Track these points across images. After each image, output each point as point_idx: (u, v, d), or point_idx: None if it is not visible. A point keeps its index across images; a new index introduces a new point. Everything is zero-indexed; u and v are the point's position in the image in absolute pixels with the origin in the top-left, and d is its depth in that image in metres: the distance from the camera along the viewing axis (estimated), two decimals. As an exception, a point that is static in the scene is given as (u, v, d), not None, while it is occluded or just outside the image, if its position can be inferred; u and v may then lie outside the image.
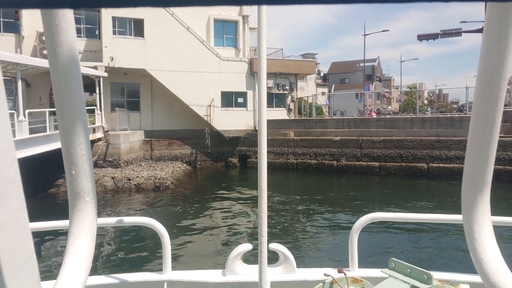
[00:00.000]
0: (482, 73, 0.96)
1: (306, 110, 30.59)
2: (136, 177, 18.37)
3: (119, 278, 2.40)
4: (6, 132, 0.49)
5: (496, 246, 1.03)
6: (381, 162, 20.72)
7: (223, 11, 25.99)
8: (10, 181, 0.49)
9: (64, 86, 0.97)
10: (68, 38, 0.94)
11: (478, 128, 0.99)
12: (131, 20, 23.39)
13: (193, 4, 0.35)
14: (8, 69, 16.71)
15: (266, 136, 1.95)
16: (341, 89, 47.81)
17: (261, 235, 1.96)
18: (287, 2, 0.35)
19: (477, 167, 1.01)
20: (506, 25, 0.89)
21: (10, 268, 0.48)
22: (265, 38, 1.84)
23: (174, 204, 15.42)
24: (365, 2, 0.36)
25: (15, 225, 0.49)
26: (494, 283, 0.99)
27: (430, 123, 21.03)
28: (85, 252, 0.99)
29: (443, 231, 10.60)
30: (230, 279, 2.43)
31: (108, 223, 2.56)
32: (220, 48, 25.67)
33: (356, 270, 2.44)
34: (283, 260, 2.47)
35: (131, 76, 24.48)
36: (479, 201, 1.02)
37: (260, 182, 1.93)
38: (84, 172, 1.01)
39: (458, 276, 2.32)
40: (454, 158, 19.05)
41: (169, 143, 24.09)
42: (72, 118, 0.98)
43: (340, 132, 22.41)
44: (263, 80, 1.89)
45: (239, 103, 25.92)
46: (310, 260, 9.10)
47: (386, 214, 2.52)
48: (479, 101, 0.98)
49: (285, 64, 27.39)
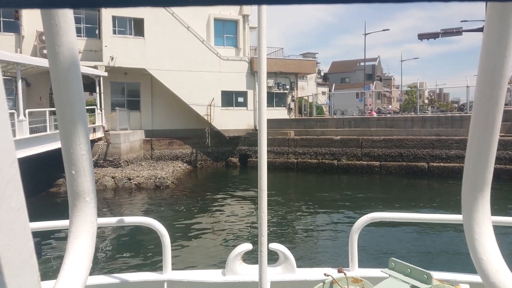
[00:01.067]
0: (482, 72, 0.96)
1: (307, 109, 30.56)
2: (137, 176, 18.38)
3: (119, 278, 2.40)
4: (6, 132, 0.49)
5: (496, 246, 1.03)
6: (382, 162, 20.72)
7: (223, 11, 25.98)
8: (10, 181, 0.49)
9: (64, 86, 0.97)
10: (68, 38, 0.94)
11: (479, 127, 0.99)
12: (131, 20, 23.38)
13: (193, 4, 0.35)
14: (8, 68, 16.72)
15: (266, 135, 1.95)
16: (342, 89, 47.77)
17: (261, 235, 1.96)
18: (287, 2, 0.35)
19: (477, 166, 1.01)
20: (506, 25, 0.89)
21: (10, 268, 0.48)
22: (265, 37, 1.84)
23: (174, 203, 15.41)
24: (365, 2, 0.36)
25: (15, 225, 0.49)
26: (494, 283, 0.99)
27: (431, 122, 21.03)
28: (85, 252, 0.99)
29: (443, 231, 10.60)
30: (230, 279, 2.43)
31: (108, 223, 2.56)
32: (220, 48, 25.67)
33: (356, 270, 2.44)
34: (283, 260, 2.47)
35: (131, 75, 24.48)
36: (479, 201, 1.02)
37: (260, 182, 1.92)
38: (84, 172, 1.01)
39: (458, 276, 2.32)
40: (454, 157, 19.04)
41: (169, 143, 24.09)
42: (72, 118, 0.98)
43: (340, 132, 22.40)
44: (263, 79, 1.89)
45: (239, 103, 25.91)
46: (310, 260, 9.10)
47: (386, 214, 2.51)
48: (479, 101, 0.98)
49: (285, 63, 27.38)
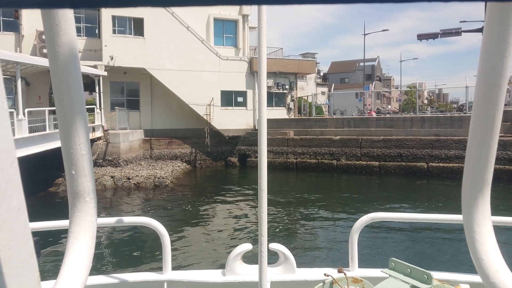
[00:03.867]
0: (482, 73, 0.96)
1: (306, 109, 30.57)
2: (136, 176, 18.37)
3: (119, 278, 2.40)
4: (6, 131, 0.49)
5: (496, 246, 1.03)
6: (381, 162, 20.72)
7: (223, 10, 25.97)
8: (10, 181, 0.49)
9: (64, 85, 0.97)
10: (68, 38, 0.94)
11: (478, 128, 0.99)
12: (131, 19, 23.37)
13: (193, 4, 0.35)
14: (7, 68, 16.71)
15: (266, 135, 1.95)
16: (341, 89, 47.80)
17: (261, 235, 1.96)
18: (287, 2, 0.35)
19: (477, 167, 1.01)
20: (506, 25, 0.89)
21: (10, 267, 0.48)
22: (265, 37, 1.84)
23: (174, 203, 15.41)
24: (365, 2, 0.36)
25: (15, 224, 0.49)
26: (494, 283, 0.99)
27: (430, 122, 21.03)
28: (85, 252, 0.99)
29: (443, 231, 10.60)
30: (230, 279, 2.43)
31: (108, 223, 2.55)
32: (220, 47, 25.66)
33: (356, 270, 2.44)
34: (283, 260, 2.47)
35: (131, 75, 24.47)
36: (479, 201, 1.02)
37: (260, 181, 1.92)
38: (84, 172, 1.01)
39: (458, 276, 2.32)
40: (453, 157, 19.05)
41: (168, 142, 24.09)
42: (72, 117, 0.98)
43: (340, 132, 22.41)
44: (263, 79, 1.88)
45: (239, 102, 25.91)
46: (310, 260, 9.10)
47: (386, 214, 2.51)
48: (479, 101, 0.98)
49: (285, 63, 27.38)
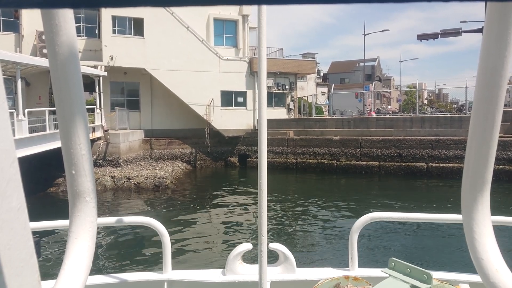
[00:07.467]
0: (482, 73, 0.96)
1: (306, 109, 30.57)
2: (136, 176, 18.37)
3: (119, 278, 2.40)
4: (6, 131, 0.49)
5: (496, 246, 1.03)
6: (381, 162, 20.72)
7: (223, 10, 25.97)
8: (10, 181, 0.49)
9: (64, 86, 0.97)
10: (68, 38, 0.94)
11: (478, 128, 0.99)
12: (131, 19, 23.38)
13: (193, 4, 0.35)
14: (7, 68, 16.70)
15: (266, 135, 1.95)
16: (341, 89, 47.80)
17: (261, 235, 1.96)
18: (287, 2, 0.35)
19: (477, 167, 1.01)
20: (506, 25, 0.89)
21: (10, 267, 0.48)
22: (265, 37, 1.84)
23: (174, 203, 15.41)
24: (364, 2, 0.36)
25: (16, 224, 0.49)
26: (494, 283, 0.99)
27: (430, 122, 21.03)
28: (85, 252, 0.99)
29: (443, 231, 10.60)
30: (230, 278, 2.43)
31: (108, 223, 2.55)
32: (220, 48, 25.66)
33: (356, 269, 2.44)
34: (283, 260, 2.47)
35: (131, 75, 24.47)
36: (479, 201, 1.02)
37: (260, 182, 1.92)
38: (84, 172, 1.01)
39: (458, 276, 2.32)
40: (453, 157, 19.05)
41: (168, 142, 24.09)
42: (72, 118, 0.98)
43: (339, 132, 22.41)
44: (263, 79, 1.88)
45: (239, 103, 25.91)
46: (310, 260, 9.10)
47: (385, 214, 2.51)
48: (479, 101, 0.98)
49: (285, 63, 27.38)
